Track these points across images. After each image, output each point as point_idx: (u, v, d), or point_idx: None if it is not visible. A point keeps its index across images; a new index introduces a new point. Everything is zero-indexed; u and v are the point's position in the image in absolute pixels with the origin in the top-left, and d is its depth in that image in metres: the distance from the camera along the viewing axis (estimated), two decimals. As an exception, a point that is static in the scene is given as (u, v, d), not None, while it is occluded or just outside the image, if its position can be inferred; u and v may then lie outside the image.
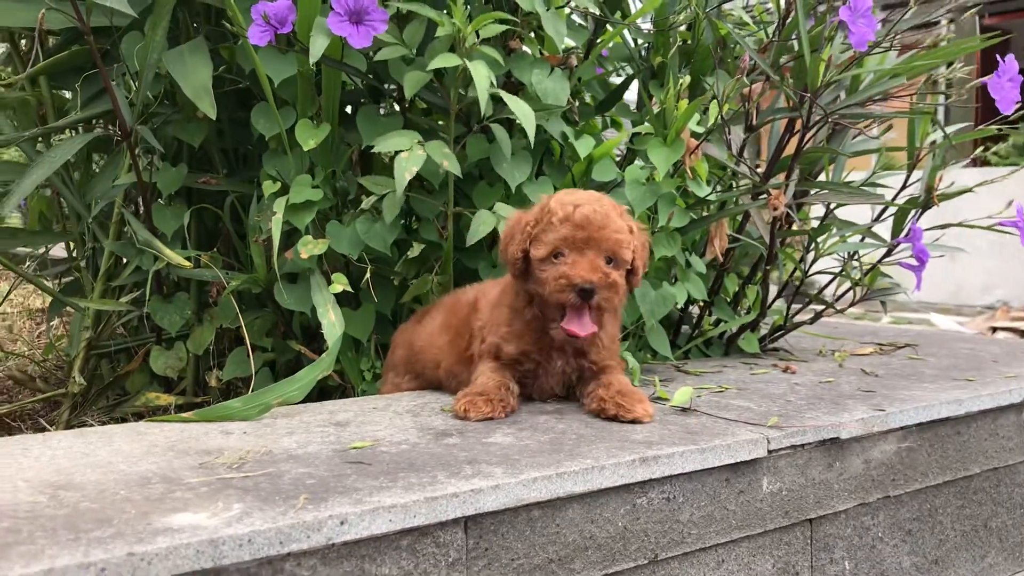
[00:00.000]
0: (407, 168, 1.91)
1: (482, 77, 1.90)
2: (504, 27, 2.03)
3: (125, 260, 2.36)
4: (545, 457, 1.41)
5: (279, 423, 1.63)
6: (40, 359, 2.93)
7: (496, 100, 2.05)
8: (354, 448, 1.45)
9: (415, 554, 1.23)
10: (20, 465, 1.34)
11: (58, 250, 3.01)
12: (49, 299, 2.70)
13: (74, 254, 2.70)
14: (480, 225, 2.03)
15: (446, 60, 1.93)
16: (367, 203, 2.07)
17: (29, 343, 3.37)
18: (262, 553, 1.08)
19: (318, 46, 1.87)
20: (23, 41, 2.51)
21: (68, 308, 2.62)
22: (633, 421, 1.67)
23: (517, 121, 2.17)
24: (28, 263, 2.84)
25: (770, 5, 2.50)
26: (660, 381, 2.08)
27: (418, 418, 1.69)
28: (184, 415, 1.64)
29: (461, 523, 1.27)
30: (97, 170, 2.61)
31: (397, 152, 1.97)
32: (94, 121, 2.51)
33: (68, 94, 2.59)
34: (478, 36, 2.00)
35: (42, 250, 2.78)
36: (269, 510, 1.14)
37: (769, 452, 1.60)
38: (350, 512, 1.15)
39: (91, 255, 2.57)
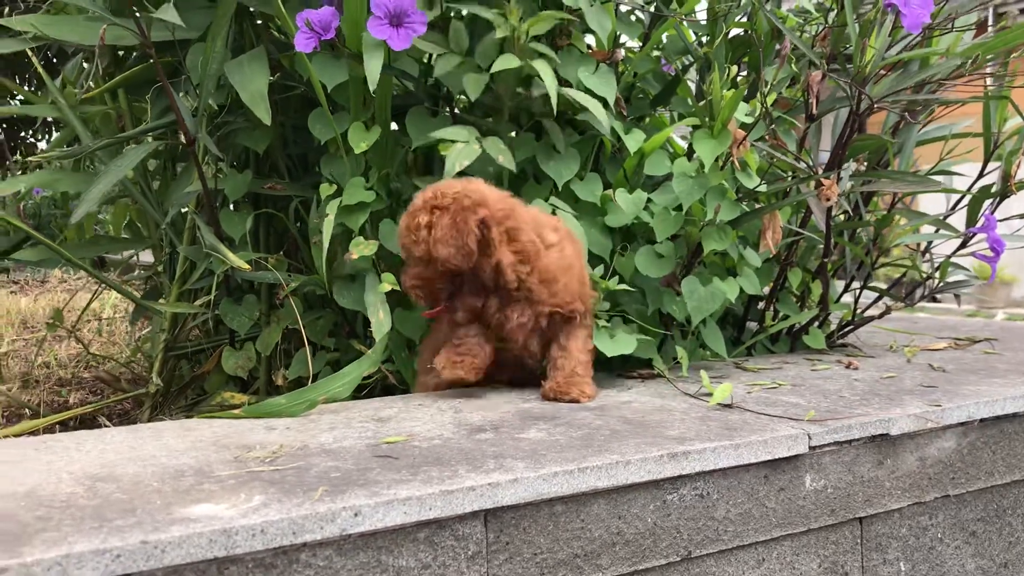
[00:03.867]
0: (458, 160, 1.93)
1: (549, 76, 1.93)
2: (555, 22, 2.04)
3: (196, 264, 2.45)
4: (572, 452, 1.41)
5: (323, 419, 1.67)
6: (126, 360, 3.07)
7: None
8: (386, 443, 1.48)
9: (433, 546, 1.24)
10: (71, 459, 1.41)
11: (148, 256, 3.15)
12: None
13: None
14: None
15: (506, 62, 1.95)
16: (418, 202, 2.10)
17: (117, 345, 3.53)
18: (275, 543, 1.12)
19: (373, 67, 1.91)
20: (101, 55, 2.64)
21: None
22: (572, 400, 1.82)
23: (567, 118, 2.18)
24: (113, 268, 2.97)
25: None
26: (715, 377, 2.05)
27: (459, 414, 1.71)
28: (233, 412, 1.70)
29: (480, 516, 1.28)
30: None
31: (453, 142, 2.00)
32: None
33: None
34: (527, 35, 2.01)
35: (125, 255, 2.92)
36: (287, 502, 1.17)
37: (811, 448, 1.56)
38: (365, 504, 1.17)
39: (167, 260, 2.68)
